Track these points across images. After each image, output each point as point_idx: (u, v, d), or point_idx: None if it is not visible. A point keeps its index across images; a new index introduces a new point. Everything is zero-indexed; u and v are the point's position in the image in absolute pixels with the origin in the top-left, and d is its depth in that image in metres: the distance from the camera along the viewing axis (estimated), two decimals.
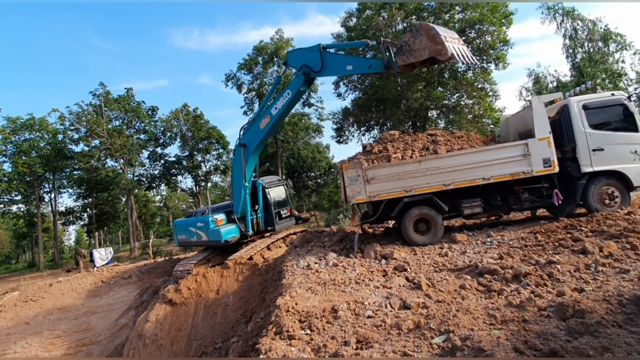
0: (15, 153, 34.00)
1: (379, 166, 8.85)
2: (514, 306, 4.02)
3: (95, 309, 14.20)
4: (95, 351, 12.29)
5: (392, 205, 8.82)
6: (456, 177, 8.53)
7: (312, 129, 41.83)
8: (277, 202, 13.87)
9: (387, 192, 8.73)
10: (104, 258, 21.38)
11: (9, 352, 12.16)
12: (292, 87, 10.97)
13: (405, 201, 8.68)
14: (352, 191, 8.77)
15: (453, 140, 9.40)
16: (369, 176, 8.75)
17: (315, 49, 10.00)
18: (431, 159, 8.69)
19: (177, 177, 42.56)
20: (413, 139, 9.82)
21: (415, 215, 8.69)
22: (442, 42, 7.57)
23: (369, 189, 8.74)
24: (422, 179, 8.61)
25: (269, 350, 4.04)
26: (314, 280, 6.66)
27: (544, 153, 8.31)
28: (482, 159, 8.48)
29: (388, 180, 8.72)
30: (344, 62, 9.80)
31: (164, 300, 10.37)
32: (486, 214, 9.17)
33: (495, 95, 30.22)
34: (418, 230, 8.75)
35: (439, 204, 8.64)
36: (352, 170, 8.83)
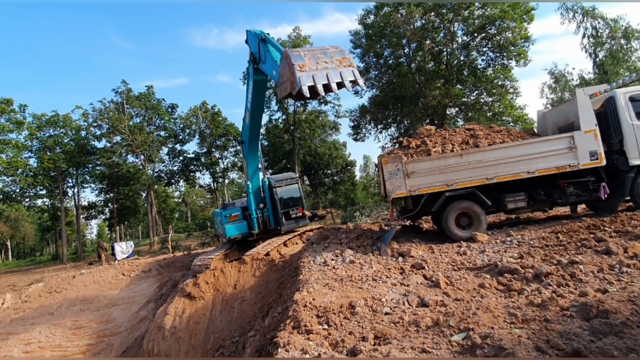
0: (40, 149, 35.22)
1: (419, 160, 8.79)
2: (536, 305, 3.96)
3: (116, 301, 14.60)
4: (116, 342, 12.64)
5: (433, 200, 8.73)
6: (499, 171, 8.42)
7: (329, 126, 41.84)
8: (285, 201, 13.52)
9: (428, 186, 8.66)
10: (125, 251, 21.96)
11: (34, 341, 12.61)
12: (249, 77, 10.74)
13: (447, 195, 8.59)
14: (392, 185, 8.72)
15: (493, 135, 9.27)
16: (409, 170, 8.67)
17: (255, 38, 9.59)
18: (473, 152, 8.58)
19: (196, 174, 43.32)
20: (451, 133, 9.72)
21: (457, 210, 8.60)
22: (294, 74, 6.64)
23: (409, 183, 8.67)
24: (463, 172, 8.52)
25: (287, 343, 4.09)
26: (330, 277, 6.69)
27: (590, 146, 8.16)
28: (526, 152, 8.35)
29: (429, 174, 8.65)
30: (274, 65, 8.96)
31: (183, 293, 10.58)
32: (530, 208, 9.02)
33: (516, 93, 29.62)
34: (460, 225, 8.65)
35: (481, 198, 8.53)
36: (391, 165, 8.75)
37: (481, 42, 27.95)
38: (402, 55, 31.54)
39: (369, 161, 72.41)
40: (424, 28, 28.59)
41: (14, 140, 32.23)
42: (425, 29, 28.56)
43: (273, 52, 9.24)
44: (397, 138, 34.61)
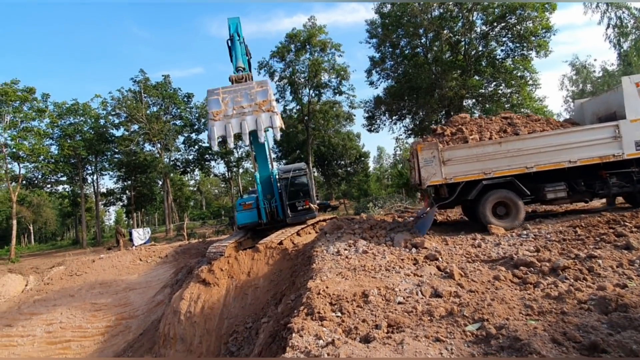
0: (61, 136, 36.07)
1: (456, 147, 8.67)
2: (552, 298, 3.92)
3: (134, 285, 15.00)
4: (134, 325, 13.01)
5: (469, 188, 8.63)
6: (539, 160, 8.29)
7: (343, 117, 41.60)
8: (291, 192, 13.36)
9: (465, 174, 8.57)
10: (142, 238, 22.50)
11: (56, 322, 13.07)
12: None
13: (484, 184, 8.48)
14: (427, 173, 8.64)
15: (531, 123, 9.10)
16: (445, 157, 8.58)
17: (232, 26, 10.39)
18: (512, 140, 8.44)
19: (211, 163, 43.71)
20: (487, 121, 9.58)
21: (494, 199, 8.49)
22: (207, 124, 6.58)
23: (445, 171, 8.58)
24: (502, 161, 8.41)
25: (301, 329, 4.15)
26: (344, 266, 6.73)
27: (636, 135, 7.97)
28: (568, 141, 8.20)
29: (465, 162, 8.55)
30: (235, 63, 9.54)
31: (198, 279, 10.77)
32: (569, 199, 8.86)
33: (536, 84, 28.86)
34: (496, 214, 8.54)
35: (520, 187, 8.40)
36: (427, 152, 8.65)
37: (501, 31, 27.24)
38: (419, 45, 31.00)
39: (383, 152, 72.02)
40: (442, 17, 28.00)
41: (36, 128, 33.05)
42: (443, 18, 27.96)
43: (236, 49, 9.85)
44: (412, 129, 34.27)
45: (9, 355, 11.76)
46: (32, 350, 11.89)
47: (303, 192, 13.40)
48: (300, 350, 3.58)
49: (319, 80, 36.78)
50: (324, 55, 36.35)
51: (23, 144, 31.05)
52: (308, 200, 13.26)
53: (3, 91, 29.45)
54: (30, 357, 10.55)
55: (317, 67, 35.43)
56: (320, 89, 37.71)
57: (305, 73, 36.43)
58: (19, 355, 11.72)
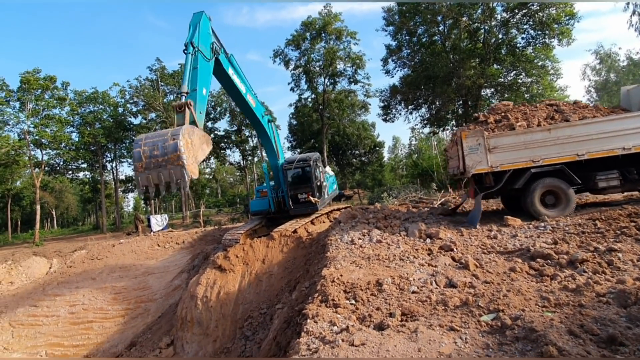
0: (81, 124, 36.90)
1: (502, 134, 8.49)
2: (570, 290, 3.88)
3: (152, 270, 15.41)
4: (152, 308, 13.41)
5: (516, 177, 8.47)
6: (591, 147, 8.06)
7: (358, 106, 41.28)
8: (293, 184, 13.14)
9: (512, 162, 8.41)
10: (159, 224, 23.02)
11: (78, 303, 13.57)
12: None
13: (533, 172, 8.31)
14: (472, 161, 8.50)
15: (579, 110, 8.83)
16: (491, 145, 8.42)
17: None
18: (563, 127, 8.22)
19: (226, 151, 44.15)
20: (532, 108, 9.35)
21: (543, 187, 8.32)
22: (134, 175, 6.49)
23: (491, 159, 8.43)
24: (551, 148, 8.22)
25: (315, 315, 4.22)
26: (358, 255, 6.78)
27: None
28: (622, 127, 7.96)
29: (512, 150, 8.38)
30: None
31: (214, 265, 10.99)
32: (622, 188, 8.60)
33: (557, 74, 28.01)
34: (544, 204, 8.38)
35: (570, 175, 8.21)
36: (472, 139, 8.50)
37: (522, 19, 26.41)
38: (437, 33, 30.36)
39: (398, 142, 71.38)
40: (461, 4, 27.28)
41: (58, 116, 33.85)
42: (462, 5, 27.25)
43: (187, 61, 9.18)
44: (428, 119, 33.78)
45: (34, 334, 12.31)
46: (56, 330, 12.40)
47: (306, 184, 13.04)
48: (315, 335, 3.65)
49: (334, 69, 36.49)
50: (339, 44, 35.99)
51: (45, 131, 31.89)
52: (310, 192, 12.88)
53: (25, 79, 30.18)
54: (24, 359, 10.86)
55: (332, 56, 35.13)
56: (336, 77, 37.43)
57: (321, 61, 36.17)
58: (44, 334, 12.24)
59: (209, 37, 9.98)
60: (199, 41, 9.35)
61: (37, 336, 12.21)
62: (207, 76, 9.71)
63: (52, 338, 12.17)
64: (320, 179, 13.40)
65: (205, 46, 9.71)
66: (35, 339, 12.11)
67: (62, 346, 11.96)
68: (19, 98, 30.98)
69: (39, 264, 17.37)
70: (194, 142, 7.49)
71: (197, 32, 9.48)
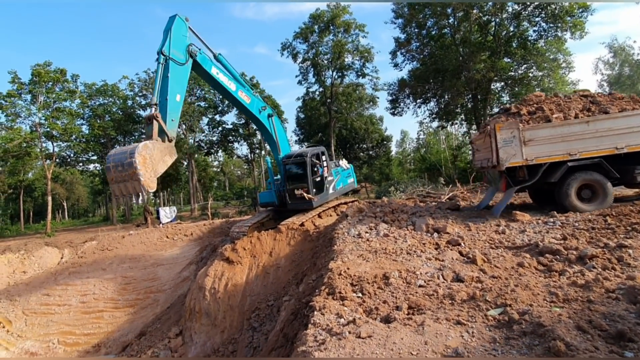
0: (91, 116, 37.26)
1: (538, 127, 8.29)
2: (578, 286, 3.86)
3: (161, 261, 15.62)
4: (161, 299, 13.61)
5: (552, 170, 8.30)
6: (631, 140, 7.87)
7: (366, 99, 41.07)
8: (291, 179, 12.98)
9: (548, 156, 8.23)
10: (168, 216, 23.27)
11: (89, 293, 13.82)
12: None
13: (569, 165, 8.15)
14: (506, 153, 8.33)
15: (616, 102, 8.59)
16: (526, 137, 8.23)
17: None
18: (602, 119, 8.01)
19: (234, 144, 44.31)
20: (565, 100, 9.15)
21: (579, 181, 8.15)
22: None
23: (526, 152, 8.25)
24: (589, 141, 8.02)
25: (323, 307, 4.26)
26: (365, 248, 6.80)
27: None
28: None
29: (548, 143, 8.19)
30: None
31: (222, 257, 11.10)
32: None
33: (569, 67, 27.57)
34: (581, 197, 8.23)
35: (608, 169, 8.04)
36: (506, 131, 8.32)
37: (534, 11, 25.96)
38: (446, 25, 30.00)
39: (407, 136, 70.95)
40: None
41: (68, 108, 34.21)
42: None
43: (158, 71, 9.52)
44: (437, 113, 33.51)
45: (47, 322, 12.58)
46: (68, 319, 12.66)
47: (301, 180, 12.71)
48: (322, 327, 3.69)
49: (342, 62, 36.30)
50: (347, 37, 35.75)
51: (56, 123, 32.28)
52: (306, 188, 12.51)
53: (36, 72, 30.51)
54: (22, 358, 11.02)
55: (340, 49, 34.92)
56: (344, 70, 37.26)
57: (329, 54, 35.99)
58: (56, 323, 12.51)
59: (184, 40, 10.08)
60: (170, 48, 9.53)
61: (49, 324, 12.48)
62: (181, 81, 9.92)
63: (64, 326, 12.43)
64: (320, 174, 12.95)
65: (179, 50, 9.89)
66: (47, 327, 12.38)
67: (74, 334, 12.21)
68: (31, 91, 31.36)
69: (50, 254, 17.69)
70: (153, 157, 8.24)
71: (169, 38, 9.62)
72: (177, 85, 9.69)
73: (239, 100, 12.13)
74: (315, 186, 12.65)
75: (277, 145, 13.30)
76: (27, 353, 11.63)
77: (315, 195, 12.59)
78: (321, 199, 12.88)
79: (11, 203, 54.02)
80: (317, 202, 12.57)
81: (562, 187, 8.23)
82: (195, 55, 10.37)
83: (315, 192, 12.59)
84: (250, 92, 12.66)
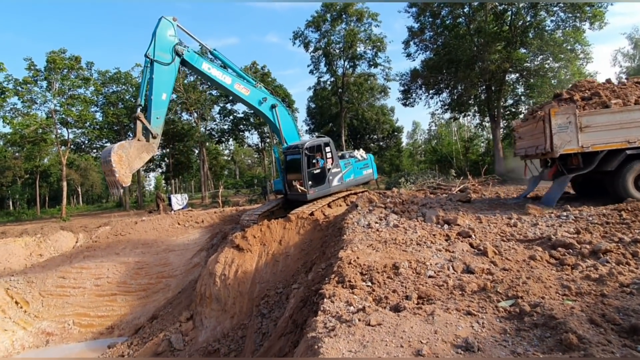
0: (105, 104, 37.67)
1: (596, 112, 8.01)
2: (592, 280, 3.82)
3: (173, 247, 15.88)
4: (172, 284, 13.88)
5: (609, 158, 8.04)
6: None
7: (378, 90, 40.66)
8: (289, 170, 13.02)
9: (605, 143, 7.97)
10: (180, 203, 23.56)
11: (103, 276, 14.15)
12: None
13: (628, 153, 7.89)
14: (561, 140, 8.06)
15: None
16: (583, 124, 7.96)
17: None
18: None
19: (245, 133, 44.43)
20: (621, 87, 8.88)
21: (637, 170, 7.91)
22: None
23: (582, 139, 7.99)
24: None
25: (332, 295, 4.29)
26: (374, 239, 6.80)
27: None
28: None
29: (606, 129, 7.93)
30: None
31: (232, 245, 11.24)
32: None
33: (587, 59, 26.81)
34: (638, 187, 7.98)
35: None
36: (562, 117, 8.04)
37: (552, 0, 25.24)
38: (461, 14, 29.36)
39: (418, 127, 70.27)
40: None
41: (82, 95, 34.63)
42: None
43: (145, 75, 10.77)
44: (449, 104, 33.04)
45: (63, 304, 12.94)
46: (82, 301, 13.02)
47: (297, 172, 12.64)
48: (331, 314, 3.72)
49: (354, 52, 35.91)
50: (360, 25, 35.29)
51: (71, 110, 32.73)
52: (301, 181, 12.45)
53: (51, 59, 30.85)
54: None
55: (352, 38, 34.52)
56: (356, 60, 36.86)
57: (341, 44, 35.62)
58: (71, 305, 12.87)
59: (170, 40, 10.70)
60: (154, 50, 10.30)
61: (65, 306, 12.84)
62: (167, 81, 10.71)
63: (79, 308, 12.78)
64: (321, 166, 12.74)
65: (165, 51, 10.57)
66: (63, 309, 12.75)
67: (89, 316, 12.56)
68: (46, 77, 31.78)
69: (66, 238, 18.13)
70: (129, 155, 9.48)
71: (154, 41, 10.35)
72: (162, 85, 10.55)
73: (237, 94, 12.48)
74: (311, 178, 12.47)
75: (281, 136, 13.30)
76: (44, 333, 12.02)
77: (312, 188, 12.41)
78: (319, 192, 12.65)
79: (28, 188, 55.27)
80: (312, 195, 12.36)
81: (618, 176, 7.98)
82: (182, 54, 10.89)
83: (311, 185, 12.42)
84: (250, 85, 12.81)
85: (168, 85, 10.79)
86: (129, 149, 9.54)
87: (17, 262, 17.00)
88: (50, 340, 11.83)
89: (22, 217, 40.70)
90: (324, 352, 2.81)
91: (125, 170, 9.34)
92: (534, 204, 8.54)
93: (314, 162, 12.72)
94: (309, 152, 12.49)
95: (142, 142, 10.03)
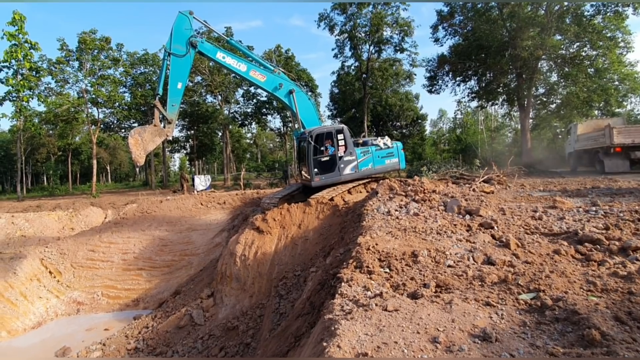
0: (133, 85, 38.50)
1: None
2: (619, 277, 3.69)
3: (195, 226, 16.32)
4: (195, 261, 14.33)
5: None
6: None
7: (403, 76, 39.80)
8: (299, 155, 13.50)
9: None
10: (203, 184, 24.09)
11: (130, 252, 14.74)
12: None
13: None
14: None
15: None
16: None
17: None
18: None
19: (267, 117, 44.63)
20: None
21: None
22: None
23: None
24: None
25: (350, 279, 4.34)
26: (394, 226, 6.77)
27: None
28: None
29: None
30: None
31: (252, 227, 11.45)
32: None
33: (628, 47, 25.30)
34: None
35: None
36: None
37: None
38: None
39: (445, 115, 68.68)
40: None
41: (112, 76, 35.49)
42: None
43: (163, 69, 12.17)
44: (477, 92, 32.06)
45: (92, 276, 13.60)
46: (110, 274, 13.64)
47: (304, 158, 12.78)
48: (349, 298, 3.77)
49: (381, 36, 35.12)
50: (387, 9, 34.38)
51: (101, 90, 33.66)
52: (307, 167, 12.54)
53: (82, 40, 31.66)
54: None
55: (379, 21, 33.71)
56: (381, 45, 36.07)
57: (367, 27, 34.86)
58: (100, 277, 13.51)
59: (185, 34, 11.63)
60: (171, 44, 11.42)
61: (94, 278, 13.49)
62: (182, 71, 11.76)
63: (107, 281, 13.40)
64: (331, 154, 12.53)
65: (180, 44, 11.57)
66: (92, 280, 13.40)
67: (116, 289, 13.16)
68: (78, 58, 32.68)
69: (95, 213, 18.93)
70: (144, 138, 10.70)
71: (171, 35, 11.41)
72: (177, 75, 11.64)
73: (253, 80, 13.07)
74: (317, 166, 12.35)
75: (299, 121, 13.26)
76: (75, 302, 12.70)
77: (317, 175, 12.31)
78: (327, 179, 12.45)
79: (60, 164, 57.70)
80: (317, 182, 12.27)
81: None
82: (196, 46, 11.77)
83: (317, 172, 12.30)
84: (266, 71, 13.02)
85: (183, 75, 11.85)
86: (144, 133, 10.76)
87: (51, 234, 17.92)
88: (81, 309, 12.50)
89: (55, 192, 42.65)
90: (341, 334, 2.86)
91: (140, 152, 10.60)
92: (562, 196, 8.27)
93: (323, 149, 12.50)
94: (315, 138, 12.29)
95: (157, 127, 11.17)
